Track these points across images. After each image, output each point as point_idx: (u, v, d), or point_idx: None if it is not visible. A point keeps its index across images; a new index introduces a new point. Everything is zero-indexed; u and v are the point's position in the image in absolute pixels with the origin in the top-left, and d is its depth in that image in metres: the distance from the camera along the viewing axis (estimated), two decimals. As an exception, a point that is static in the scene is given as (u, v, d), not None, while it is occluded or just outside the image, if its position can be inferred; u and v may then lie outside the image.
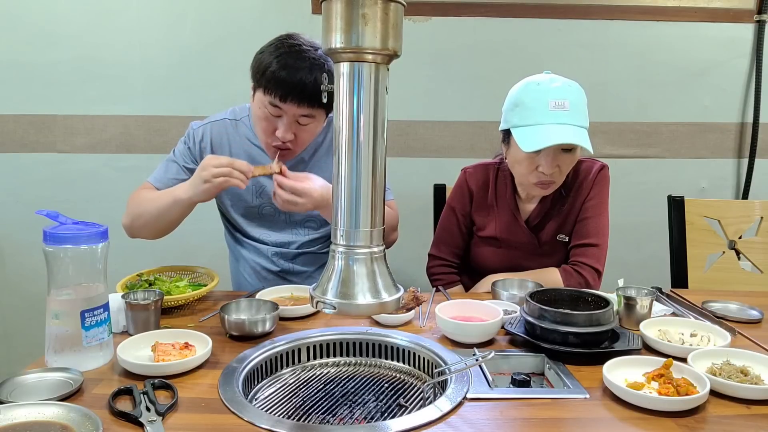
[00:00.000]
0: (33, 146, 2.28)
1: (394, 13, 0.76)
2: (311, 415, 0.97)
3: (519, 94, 1.43)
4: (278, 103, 1.36)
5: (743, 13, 2.30)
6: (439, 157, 2.33)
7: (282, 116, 1.39)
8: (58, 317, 0.99)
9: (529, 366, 1.08)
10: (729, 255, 1.89)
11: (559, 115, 1.37)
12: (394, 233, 1.64)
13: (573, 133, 1.37)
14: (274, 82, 1.34)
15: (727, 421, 0.86)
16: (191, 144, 1.55)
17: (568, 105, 1.37)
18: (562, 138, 1.36)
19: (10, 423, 0.79)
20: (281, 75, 1.33)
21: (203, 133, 1.55)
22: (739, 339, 1.19)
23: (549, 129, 1.37)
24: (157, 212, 1.43)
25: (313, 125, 1.44)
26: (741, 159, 2.41)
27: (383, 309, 0.83)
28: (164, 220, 1.44)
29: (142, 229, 1.48)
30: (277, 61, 1.34)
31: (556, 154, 1.41)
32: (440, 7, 2.24)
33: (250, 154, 1.54)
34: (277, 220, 1.60)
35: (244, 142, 1.55)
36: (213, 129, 1.55)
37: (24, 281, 2.34)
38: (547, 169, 1.41)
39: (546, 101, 1.37)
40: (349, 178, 0.80)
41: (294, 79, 1.33)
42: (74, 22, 2.20)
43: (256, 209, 1.59)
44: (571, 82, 1.43)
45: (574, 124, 1.37)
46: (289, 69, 1.33)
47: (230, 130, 1.56)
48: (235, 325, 1.14)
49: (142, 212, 1.46)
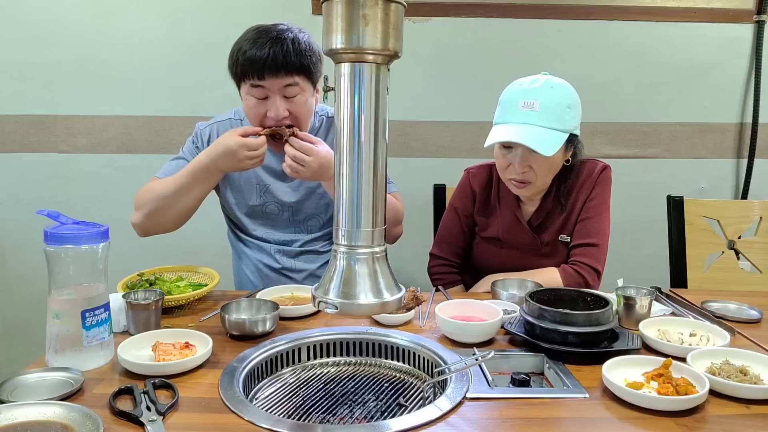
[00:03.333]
0: (34, 146, 2.28)
1: (395, 13, 0.76)
2: (311, 414, 0.97)
3: (503, 94, 1.48)
4: (258, 82, 1.40)
5: (743, 13, 2.30)
6: (439, 157, 2.33)
7: (268, 96, 1.43)
8: (58, 317, 0.99)
9: (528, 366, 1.08)
10: (728, 255, 1.89)
11: (525, 114, 1.39)
12: (399, 227, 1.65)
13: (526, 132, 1.37)
14: (248, 62, 1.39)
15: (727, 421, 0.86)
16: (199, 144, 1.58)
17: (537, 105, 1.38)
18: (507, 136, 1.38)
19: (11, 423, 0.80)
20: (251, 53, 1.39)
21: (210, 133, 1.59)
22: (738, 339, 1.19)
23: (509, 128, 1.40)
24: (174, 192, 1.43)
25: (302, 96, 1.45)
26: (740, 159, 2.41)
27: (385, 309, 0.84)
28: (183, 201, 1.45)
29: (158, 218, 1.47)
30: (246, 43, 1.41)
31: (525, 154, 1.41)
32: (440, 8, 2.25)
33: None
34: (281, 219, 1.61)
35: None
36: (219, 129, 1.59)
37: (24, 281, 2.34)
38: (516, 167, 1.43)
39: (517, 101, 1.40)
40: (351, 178, 0.80)
41: (264, 53, 1.37)
42: (74, 22, 2.20)
43: (260, 207, 1.60)
44: (558, 84, 1.42)
45: (540, 124, 1.38)
46: (257, 46, 1.39)
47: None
48: (236, 325, 1.14)
49: (155, 198, 1.45)
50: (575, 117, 1.43)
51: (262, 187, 1.58)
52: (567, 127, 1.40)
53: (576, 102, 1.44)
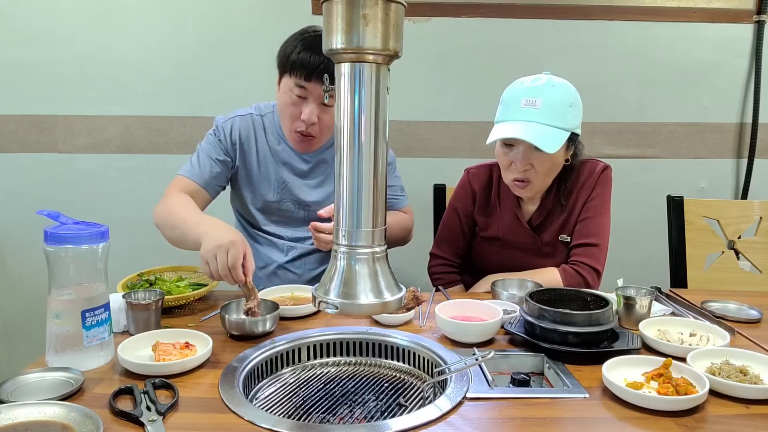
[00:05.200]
0: (34, 146, 2.28)
1: (395, 13, 0.76)
2: (311, 414, 0.97)
3: (504, 92, 1.48)
4: (303, 83, 1.42)
5: (743, 13, 2.30)
6: (439, 157, 2.33)
7: (307, 98, 1.45)
8: (58, 317, 0.99)
9: (528, 366, 1.08)
10: (728, 255, 1.89)
11: (527, 112, 1.39)
12: (409, 236, 1.72)
13: (529, 129, 1.37)
14: (299, 63, 1.41)
15: (727, 421, 0.86)
16: (222, 137, 1.58)
17: (539, 103, 1.38)
18: (509, 133, 1.38)
19: (11, 423, 0.80)
20: (305, 56, 1.40)
21: (232, 126, 1.59)
22: (738, 339, 1.19)
23: (512, 125, 1.40)
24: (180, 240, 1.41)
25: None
26: (740, 159, 2.41)
27: (385, 309, 0.84)
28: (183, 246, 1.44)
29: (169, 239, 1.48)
30: (301, 44, 1.42)
31: (527, 152, 1.41)
32: (440, 8, 2.25)
33: (275, 150, 1.59)
34: (295, 218, 1.62)
35: (270, 138, 1.60)
36: (241, 123, 1.59)
37: (24, 281, 2.34)
38: (518, 165, 1.43)
39: (519, 99, 1.41)
40: (351, 179, 0.80)
41: (317, 60, 1.39)
42: (74, 22, 2.20)
43: (275, 204, 1.61)
44: (560, 83, 1.42)
45: (542, 122, 1.38)
46: (312, 50, 1.40)
47: (257, 125, 1.60)
48: (236, 325, 1.14)
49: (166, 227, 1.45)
50: (577, 116, 1.43)
51: (279, 184, 1.60)
52: (569, 125, 1.40)
53: (577, 101, 1.44)
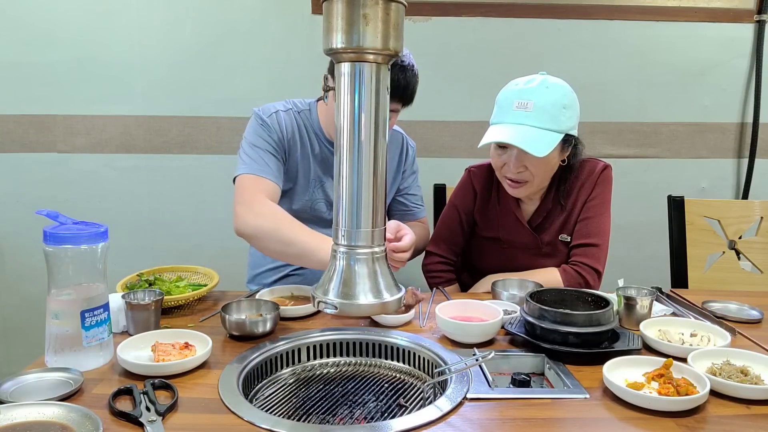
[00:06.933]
0: (33, 146, 2.28)
1: (395, 13, 0.76)
2: (311, 415, 0.97)
3: (499, 93, 1.48)
4: None
5: (743, 13, 2.30)
6: (439, 157, 2.33)
7: None
8: (58, 317, 0.99)
9: (529, 366, 1.08)
10: (729, 255, 1.89)
11: (519, 115, 1.39)
12: (424, 245, 1.71)
13: (519, 133, 1.36)
14: None
15: (727, 421, 0.86)
16: (272, 131, 1.53)
17: (531, 106, 1.38)
18: (500, 137, 1.38)
19: (10, 423, 0.79)
20: None
21: (278, 120, 1.55)
22: (739, 339, 1.19)
23: (503, 128, 1.40)
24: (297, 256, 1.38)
25: (394, 119, 1.53)
26: (741, 159, 2.41)
27: (385, 309, 0.83)
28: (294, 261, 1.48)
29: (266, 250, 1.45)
30: None
31: (520, 154, 1.41)
32: (440, 7, 2.24)
33: (315, 148, 1.59)
34: (326, 219, 1.62)
35: (312, 136, 1.59)
36: (285, 118, 1.57)
37: (24, 281, 2.34)
38: (511, 167, 1.43)
39: (512, 101, 1.41)
40: (350, 178, 0.80)
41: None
42: (74, 22, 2.20)
43: (308, 203, 1.61)
44: (554, 84, 1.41)
45: (533, 125, 1.37)
46: None
47: (299, 121, 1.59)
48: (236, 325, 1.14)
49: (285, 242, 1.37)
50: (571, 117, 1.42)
51: (316, 182, 1.60)
52: (562, 127, 1.39)
53: (573, 102, 1.42)
